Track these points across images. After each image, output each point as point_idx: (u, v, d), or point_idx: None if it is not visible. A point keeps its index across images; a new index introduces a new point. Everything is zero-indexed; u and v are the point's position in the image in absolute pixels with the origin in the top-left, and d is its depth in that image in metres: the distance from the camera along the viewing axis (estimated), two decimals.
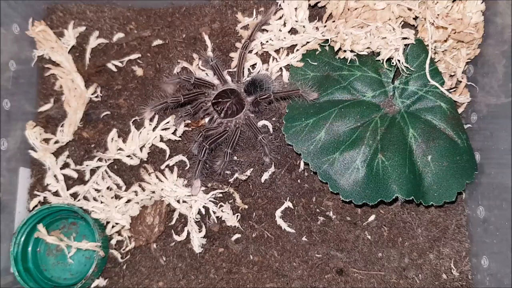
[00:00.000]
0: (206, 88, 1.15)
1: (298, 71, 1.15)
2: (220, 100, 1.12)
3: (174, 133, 1.17)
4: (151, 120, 1.17)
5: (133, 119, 1.19)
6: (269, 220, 1.15)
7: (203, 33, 1.22)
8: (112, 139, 1.17)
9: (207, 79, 1.17)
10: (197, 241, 1.12)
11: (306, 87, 1.09)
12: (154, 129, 1.16)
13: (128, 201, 1.15)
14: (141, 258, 1.15)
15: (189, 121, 1.16)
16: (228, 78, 1.19)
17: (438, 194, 1.02)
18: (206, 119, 1.15)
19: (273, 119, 1.18)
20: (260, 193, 1.16)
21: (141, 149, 1.17)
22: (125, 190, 1.16)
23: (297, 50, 1.17)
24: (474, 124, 1.12)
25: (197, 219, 1.13)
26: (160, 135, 1.17)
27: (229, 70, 1.21)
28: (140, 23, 1.26)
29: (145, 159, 1.18)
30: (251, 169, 1.14)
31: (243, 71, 1.18)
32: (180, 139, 1.18)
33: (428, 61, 1.06)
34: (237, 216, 1.14)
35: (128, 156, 1.17)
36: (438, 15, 1.04)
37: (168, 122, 1.16)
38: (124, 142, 1.17)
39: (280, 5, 1.16)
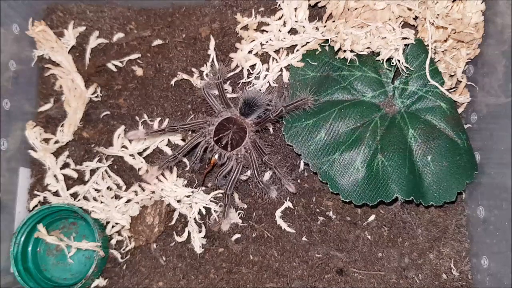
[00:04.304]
0: (201, 128, 1.11)
1: (298, 71, 1.15)
2: (220, 135, 1.08)
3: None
4: (160, 123, 1.18)
5: (143, 119, 1.19)
6: (269, 220, 1.15)
7: (210, 36, 1.21)
8: (119, 136, 1.17)
9: (191, 122, 1.12)
10: (198, 241, 1.12)
11: (308, 93, 1.07)
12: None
13: (128, 201, 1.15)
14: (141, 258, 1.15)
15: (203, 171, 1.13)
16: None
17: (438, 194, 1.02)
18: (216, 156, 1.09)
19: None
20: (260, 193, 1.16)
21: (145, 150, 1.17)
22: (125, 190, 1.16)
23: (297, 50, 1.17)
24: (474, 124, 1.12)
25: (199, 220, 1.13)
26: (168, 139, 1.17)
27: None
28: (140, 23, 1.26)
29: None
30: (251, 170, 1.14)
31: (227, 99, 1.13)
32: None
33: (428, 61, 1.06)
34: (239, 213, 1.14)
35: (131, 155, 1.17)
36: (438, 15, 1.04)
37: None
38: (130, 141, 1.17)
39: (280, 5, 1.16)
